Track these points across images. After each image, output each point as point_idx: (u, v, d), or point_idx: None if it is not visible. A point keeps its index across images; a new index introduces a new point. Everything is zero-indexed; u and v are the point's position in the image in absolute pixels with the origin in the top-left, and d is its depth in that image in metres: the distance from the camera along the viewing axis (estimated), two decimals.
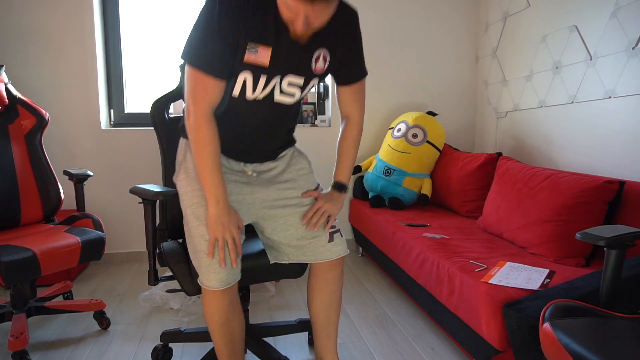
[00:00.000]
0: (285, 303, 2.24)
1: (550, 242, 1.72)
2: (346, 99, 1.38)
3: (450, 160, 2.66)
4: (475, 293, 1.46)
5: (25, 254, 1.56)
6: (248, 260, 1.42)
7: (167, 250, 1.46)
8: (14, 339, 1.61)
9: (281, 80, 1.21)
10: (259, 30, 1.12)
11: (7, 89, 1.98)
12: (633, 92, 1.87)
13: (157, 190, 1.42)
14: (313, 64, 1.22)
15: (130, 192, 1.49)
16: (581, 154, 2.17)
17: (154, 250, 1.50)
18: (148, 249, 1.49)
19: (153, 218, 1.47)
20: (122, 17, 2.85)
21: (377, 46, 2.99)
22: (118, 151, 2.79)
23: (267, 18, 1.12)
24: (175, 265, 1.39)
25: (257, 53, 1.14)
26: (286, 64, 1.19)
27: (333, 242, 1.38)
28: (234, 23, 1.10)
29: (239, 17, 1.10)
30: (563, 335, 0.97)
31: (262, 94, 1.22)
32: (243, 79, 1.18)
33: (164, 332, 1.70)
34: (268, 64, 1.16)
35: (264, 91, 1.21)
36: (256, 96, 1.22)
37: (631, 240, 1.10)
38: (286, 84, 1.23)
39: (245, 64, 1.15)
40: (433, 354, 1.75)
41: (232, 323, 1.31)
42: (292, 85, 1.24)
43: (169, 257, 1.43)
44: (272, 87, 1.21)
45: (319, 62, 1.23)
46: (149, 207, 1.46)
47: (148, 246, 1.49)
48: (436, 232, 2.09)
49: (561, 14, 2.28)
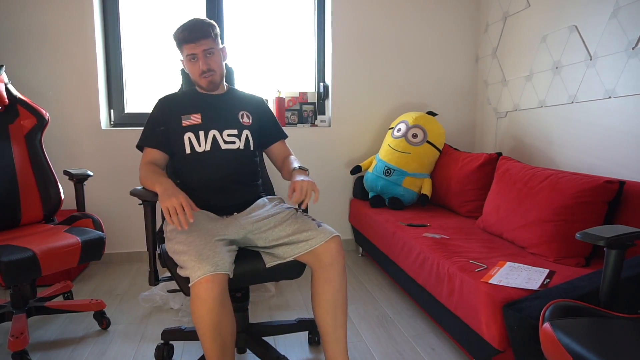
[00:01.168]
0: (286, 303, 2.24)
1: (550, 242, 1.72)
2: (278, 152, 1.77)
3: (450, 160, 2.66)
4: (475, 293, 1.46)
5: (25, 254, 1.55)
6: (247, 262, 1.42)
7: (166, 251, 1.46)
8: (14, 339, 1.62)
9: (221, 133, 1.60)
10: (187, 107, 1.62)
11: (7, 89, 1.98)
12: (633, 92, 1.87)
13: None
14: (240, 118, 1.65)
15: (130, 194, 1.50)
16: (581, 154, 2.17)
17: (154, 251, 1.50)
18: (148, 250, 1.50)
19: (153, 219, 1.48)
20: (122, 17, 2.85)
21: (377, 46, 2.99)
22: (118, 151, 2.79)
23: (192, 97, 1.66)
24: (174, 267, 1.39)
25: (190, 119, 1.59)
26: (217, 120, 1.61)
27: (322, 227, 1.45)
28: (164, 111, 1.62)
29: (169, 107, 1.63)
30: (563, 335, 0.97)
31: (208, 146, 1.58)
32: (188, 137, 1.58)
33: (165, 330, 1.70)
34: (201, 122, 1.59)
35: (207, 143, 1.58)
36: (204, 149, 1.57)
37: (631, 240, 1.10)
38: (226, 135, 1.60)
39: (184, 127, 1.58)
40: (433, 354, 1.75)
41: (223, 326, 1.27)
42: (230, 135, 1.61)
43: (167, 259, 1.43)
44: (212, 138, 1.58)
45: (244, 118, 1.66)
46: (149, 208, 1.47)
47: (148, 247, 1.50)
48: (436, 232, 2.09)
49: (561, 14, 2.28)
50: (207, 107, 1.62)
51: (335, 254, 1.41)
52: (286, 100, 3.04)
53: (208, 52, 1.55)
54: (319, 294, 1.43)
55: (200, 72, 1.57)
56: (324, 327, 1.44)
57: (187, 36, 1.52)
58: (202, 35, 1.53)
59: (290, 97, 3.06)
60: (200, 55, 1.54)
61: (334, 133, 3.02)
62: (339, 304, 1.43)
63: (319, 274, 1.43)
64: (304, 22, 3.09)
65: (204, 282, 1.22)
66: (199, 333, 1.27)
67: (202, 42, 1.53)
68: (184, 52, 1.57)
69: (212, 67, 1.58)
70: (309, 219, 1.50)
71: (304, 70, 3.13)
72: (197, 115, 1.60)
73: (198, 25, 1.53)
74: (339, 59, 2.97)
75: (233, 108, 1.66)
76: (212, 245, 1.31)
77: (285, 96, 3.03)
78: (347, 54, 2.97)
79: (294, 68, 3.11)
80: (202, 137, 1.58)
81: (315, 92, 3.12)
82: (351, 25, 2.95)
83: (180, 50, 1.58)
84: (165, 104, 1.64)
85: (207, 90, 1.64)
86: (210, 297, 1.22)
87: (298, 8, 3.06)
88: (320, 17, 3.04)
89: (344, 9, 2.92)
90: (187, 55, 1.56)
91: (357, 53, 2.98)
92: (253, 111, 1.70)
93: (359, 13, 2.95)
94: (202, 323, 1.24)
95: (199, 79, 1.59)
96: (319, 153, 3.00)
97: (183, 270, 1.30)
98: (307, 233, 1.43)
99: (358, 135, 3.06)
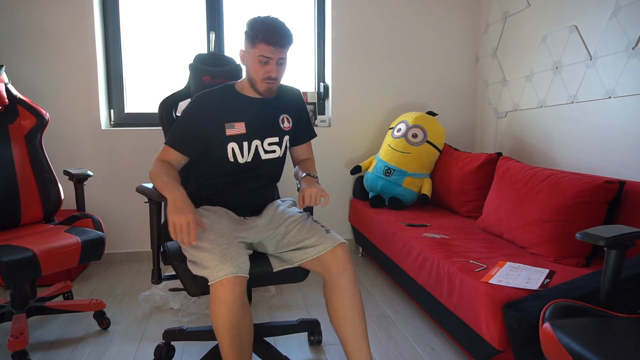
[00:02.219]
0: (286, 303, 2.24)
1: (550, 242, 1.72)
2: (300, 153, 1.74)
3: (450, 160, 2.66)
4: (475, 293, 1.46)
5: (25, 254, 1.55)
6: (254, 265, 1.42)
7: (172, 249, 1.46)
8: (14, 339, 1.61)
9: (262, 142, 1.56)
10: (230, 114, 1.53)
11: (7, 89, 1.98)
12: (633, 92, 1.87)
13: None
14: (280, 124, 1.60)
15: (136, 191, 1.50)
16: (581, 154, 2.17)
17: (158, 249, 1.50)
18: (152, 248, 1.49)
19: (158, 217, 1.47)
20: (122, 17, 2.85)
21: (378, 46, 2.99)
22: (118, 151, 2.79)
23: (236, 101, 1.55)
24: (179, 265, 1.39)
25: (234, 128, 1.52)
26: (260, 128, 1.55)
27: (330, 234, 1.44)
28: (205, 118, 1.51)
29: (211, 112, 1.52)
30: (563, 335, 0.97)
31: (250, 157, 1.54)
32: (231, 148, 1.52)
33: (166, 330, 1.70)
34: (245, 131, 1.53)
35: (249, 154, 1.54)
36: (246, 160, 1.54)
37: (631, 240, 1.10)
38: (267, 144, 1.57)
39: (228, 136, 1.51)
40: (433, 354, 1.75)
41: (242, 327, 1.27)
42: (271, 144, 1.58)
43: (172, 257, 1.43)
44: (255, 149, 1.55)
45: (284, 122, 1.61)
46: (154, 206, 1.46)
47: (152, 245, 1.49)
48: (436, 232, 2.09)
49: (561, 14, 2.28)
50: (251, 114, 1.55)
51: (344, 262, 1.39)
52: None
53: (281, 62, 1.47)
54: (333, 304, 1.41)
55: (267, 77, 1.47)
56: (344, 339, 1.40)
57: (273, 38, 1.41)
58: (285, 43, 1.45)
59: None
60: (274, 62, 1.45)
61: (334, 133, 3.02)
62: (355, 314, 1.39)
63: (329, 284, 1.41)
64: (304, 22, 3.09)
65: (226, 283, 1.21)
66: (217, 334, 1.26)
67: (282, 50, 1.45)
68: (256, 49, 1.43)
69: (279, 77, 1.51)
70: (318, 225, 1.49)
71: (304, 70, 3.13)
72: (241, 124, 1.53)
73: (286, 31, 1.45)
74: (339, 59, 2.97)
75: (276, 112, 1.60)
76: (235, 246, 1.31)
77: None
78: (347, 54, 2.97)
79: (294, 68, 3.11)
80: (246, 147, 1.53)
81: (315, 92, 3.12)
82: (351, 25, 2.95)
83: (252, 45, 1.44)
84: (205, 106, 1.53)
85: (259, 95, 1.54)
86: (231, 298, 1.21)
87: (298, 8, 3.06)
88: (320, 17, 3.04)
89: (344, 9, 2.92)
90: (261, 56, 1.44)
91: (357, 53, 2.98)
92: (292, 111, 1.64)
93: (359, 13, 2.94)
94: (221, 324, 1.23)
95: (260, 83, 1.49)
96: (319, 153, 2.99)
97: (200, 268, 1.28)
98: (314, 239, 1.42)
99: (358, 135, 3.06)
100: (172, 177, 1.43)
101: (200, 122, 1.51)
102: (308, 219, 1.53)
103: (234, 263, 1.24)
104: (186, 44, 2.95)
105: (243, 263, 1.27)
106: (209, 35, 2.90)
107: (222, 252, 1.27)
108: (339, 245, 1.40)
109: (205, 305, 2.15)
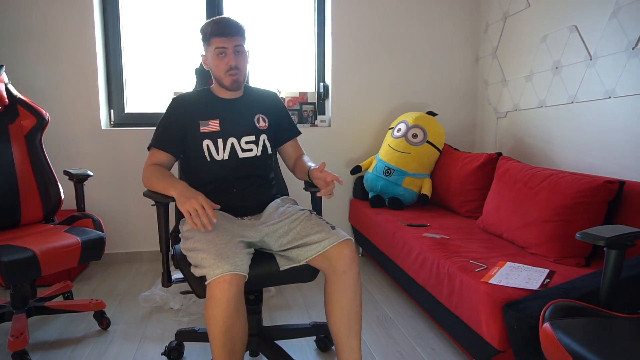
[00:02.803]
0: (286, 304, 2.24)
1: (550, 242, 1.72)
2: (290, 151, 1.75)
3: (450, 160, 2.66)
4: (475, 293, 1.46)
5: (25, 254, 1.55)
6: (261, 265, 1.41)
7: (179, 252, 1.46)
8: (14, 339, 1.61)
9: (239, 140, 1.58)
10: (204, 112, 1.57)
11: (7, 89, 1.98)
12: (633, 92, 1.87)
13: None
14: (256, 123, 1.62)
15: (144, 196, 1.48)
16: (581, 154, 2.17)
17: (167, 252, 1.49)
18: (161, 251, 1.49)
19: (166, 221, 1.47)
20: (122, 17, 2.85)
21: (378, 46, 2.99)
22: (118, 151, 2.79)
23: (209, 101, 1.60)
24: (187, 268, 1.38)
25: (208, 125, 1.56)
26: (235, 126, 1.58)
27: (335, 230, 1.42)
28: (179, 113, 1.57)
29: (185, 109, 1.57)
30: (563, 335, 0.97)
31: (226, 155, 1.56)
32: (206, 145, 1.55)
33: (178, 330, 1.70)
34: (219, 129, 1.56)
35: (225, 152, 1.56)
36: (222, 157, 1.55)
37: (631, 240, 1.10)
38: (244, 142, 1.58)
39: (202, 133, 1.55)
40: (433, 354, 1.75)
41: (235, 331, 1.24)
42: (248, 142, 1.59)
43: (180, 260, 1.43)
44: (230, 147, 1.56)
45: (260, 122, 1.63)
46: (162, 210, 1.46)
47: (161, 248, 1.49)
48: (436, 232, 2.09)
49: (561, 14, 2.28)
50: (225, 113, 1.59)
51: (349, 261, 1.37)
52: (286, 100, 3.04)
53: (237, 50, 1.51)
54: (333, 302, 1.40)
55: (227, 67, 1.51)
56: (338, 337, 1.40)
57: (221, 30, 1.48)
58: (236, 32, 1.50)
59: (290, 97, 3.06)
60: (230, 51, 1.50)
61: (334, 133, 3.02)
62: (353, 313, 1.39)
63: (332, 281, 1.40)
64: (304, 22, 3.09)
65: (221, 282, 1.20)
66: (209, 335, 1.24)
67: (235, 38, 1.49)
68: (212, 46, 1.51)
69: (239, 65, 1.53)
70: (323, 221, 1.47)
71: (304, 70, 3.13)
72: (215, 122, 1.56)
73: (232, 21, 1.51)
74: (339, 59, 2.97)
75: (250, 112, 1.63)
76: (233, 245, 1.30)
77: (285, 96, 3.04)
78: (347, 54, 2.97)
79: (294, 68, 3.12)
80: (221, 145, 1.56)
81: (315, 92, 3.12)
82: (351, 25, 2.95)
83: (208, 43, 1.52)
84: (180, 106, 1.59)
85: (229, 90, 1.58)
86: (225, 298, 1.19)
87: (298, 8, 3.06)
88: (320, 17, 3.04)
89: (344, 9, 2.92)
90: (216, 49, 1.49)
91: (357, 53, 2.98)
92: (269, 112, 1.67)
93: (359, 13, 2.94)
94: (214, 325, 1.22)
95: (224, 76, 1.53)
96: (319, 153, 2.99)
97: (199, 269, 1.28)
98: (319, 234, 1.40)
99: (358, 135, 3.06)
100: (167, 175, 1.47)
101: (177, 119, 1.57)
102: (312, 215, 1.52)
103: (230, 261, 1.23)
104: (186, 44, 2.96)
105: (240, 261, 1.25)
106: None
107: (218, 251, 1.26)
108: (345, 241, 1.38)
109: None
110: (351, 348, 1.39)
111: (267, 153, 1.64)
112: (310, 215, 1.51)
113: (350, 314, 1.39)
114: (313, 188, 1.62)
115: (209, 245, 1.29)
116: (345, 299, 1.38)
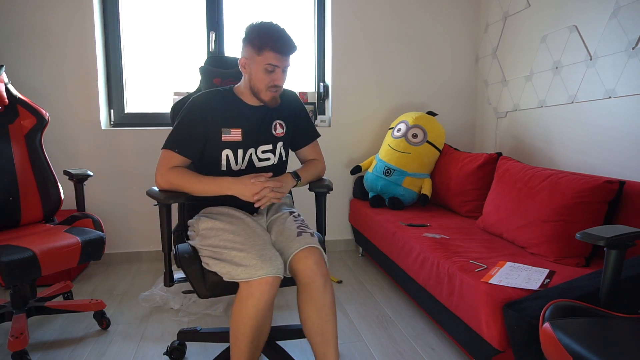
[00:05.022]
0: (285, 303, 2.24)
1: (550, 242, 1.72)
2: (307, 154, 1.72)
3: (450, 160, 2.66)
4: (475, 293, 1.46)
5: (25, 254, 1.55)
6: None
7: (181, 252, 1.46)
8: (14, 339, 1.61)
9: (256, 150, 1.53)
10: (228, 118, 1.49)
11: (7, 89, 1.98)
12: (633, 92, 1.87)
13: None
14: (273, 131, 1.57)
15: (147, 194, 1.49)
16: (581, 154, 2.17)
17: (169, 251, 1.49)
18: (164, 251, 1.48)
19: (168, 220, 1.47)
20: (122, 17, 2.85)
21: (378, 46, 2.99)
22: (118, 151, 2.79)
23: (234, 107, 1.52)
24: (189, 268, 1.38)
25: (230, 134, 1.49)
26: (255, 136, 1.52)
27: (301, 237, 1.38)
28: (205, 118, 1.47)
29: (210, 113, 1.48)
30: (563, 335, 0.97)
31: (244, 165, 1.52)
32: (225, 155, 1.49)
33: (180, 330, 1.70)
34: (241, 139, 1.50)
35: (243, 162, 1.52)
36: (239, 167, 1.52)
37: (631, 240, 1.10)
38: (261, 152, 1.54)
39: (224, 142, 1.48)
40: (433, 354, 1.75)
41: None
42: (265, 152, 1.55)
43: (182, 259, 1.43)
44: (249, 157, 1.52)
45: (277, 129, 1.58)
46: (164, 209, 1.45)
47: (164, 248, 1.48)
48: (436, 232, 2.09)
49: (561, 14, 2.28)
50: (248, 122, 1.52)
51: (311, 272, 1.31)
52: None
53: (286, 69, 1.48)
54: (301, 312, 1.36)
55: (273, 84, 1.46)
56: (312, 345, 1.37)
57: (279, 47, 1.40)
58: (291, 52, 1.45)
59: None
60: (280, 69, 1.46)
61: (334, 133, 3.02)
62: (324, 322, 1.34)
63: (299, 291, 1.36)
64: (304, 22, 3.09)
65: (264, 283, 1.22)
66: (238, 332, 1.24)
67: (288, 57, 1.45)
68: (263, 57, 1.42)
69: (282, 84, 1.51)
70: (294, 225, 1.44)
71: (304, 70, 3.13)
72: (237, 131, 1.49)
73: (291, 40, 1.44)
74: (339, 59, 2.97)
75: (269, 118, 1.57)
76: (271, 248, 1.32)
77: None
78: (347, 54, 2.97)
79: (294, 68, 3.11)
80: (240, 155, 1.51)
81: (315, 92, 3.12)
82: (351, 25, 2.95)
83: (258, 53, 1.42)
84: (206, 109, 1.48)
85: (263, 103, 1.52)
86: (265, 299, 1.22)
87: (298, 8, 3.06)
88: (320, 17, 3.04)
89: (344, 9, 2.92)
90: (268, 64, 1.42)
91: (357, 53, 2.98)
92: (288, 117, 1.61)
93: (359, 13, 2.94)
94: (247, 323, 1.23)
95: (265, 91, 1.47)
96: None
97: (234, 266, 1.26)
98: (285, 243, 1.38)
99: (358, 135, 3.06)
100: (194, 174, 1.44)
101: (198, 122, 1.47)
102: (289, 217, 1.49)
103: (273, 264, 1.25)
104: (186, 44, 2.96)
105: (280, 264, 1.28)
106: (209, 35, 2.90)
107: (260, 252, 1.27)
108: (308, 249, 1.33)
109: (205, 305, 2.15)
110: (324, 355, 1.35)
111: (282, 160, 1.62)
112: (288, 217, 1.49)
113: (322, 323, 1.33)
114: (318, 188, 1.62)
115: (248, 246, 1.30)
116: (313, 309, 1.33)
